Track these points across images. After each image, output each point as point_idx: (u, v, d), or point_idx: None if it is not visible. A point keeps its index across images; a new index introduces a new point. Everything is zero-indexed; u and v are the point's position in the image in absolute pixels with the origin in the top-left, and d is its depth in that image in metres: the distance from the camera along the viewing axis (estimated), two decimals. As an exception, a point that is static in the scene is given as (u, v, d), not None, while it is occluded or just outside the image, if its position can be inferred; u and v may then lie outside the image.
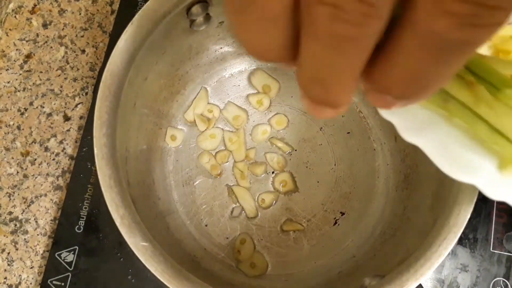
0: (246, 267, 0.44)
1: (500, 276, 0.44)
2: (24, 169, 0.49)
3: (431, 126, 0.26)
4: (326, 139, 0.48)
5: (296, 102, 0.49)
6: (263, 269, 0.45)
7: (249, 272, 0.44)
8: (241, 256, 0.45)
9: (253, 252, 0.45)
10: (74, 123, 0.50)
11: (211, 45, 0.45)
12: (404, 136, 0.25)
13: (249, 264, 0.45)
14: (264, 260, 0.45)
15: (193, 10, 0.37)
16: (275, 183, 0.47)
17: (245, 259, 0.45)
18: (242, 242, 0.45)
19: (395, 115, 0.26)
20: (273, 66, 0.50)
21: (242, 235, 0.46)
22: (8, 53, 0.51)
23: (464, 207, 0.31)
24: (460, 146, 0.26)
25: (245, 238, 0.45)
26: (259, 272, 0.44)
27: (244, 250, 0.45)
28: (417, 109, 0.26)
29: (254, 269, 0.45)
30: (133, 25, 0.33)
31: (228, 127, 0.48)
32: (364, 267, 0.41)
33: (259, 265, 0.45)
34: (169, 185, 0.46)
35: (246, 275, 0.44)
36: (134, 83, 0.36)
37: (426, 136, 0.26)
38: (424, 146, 0.26)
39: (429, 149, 0.26)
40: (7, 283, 0.46)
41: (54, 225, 0.47)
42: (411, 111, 0.26)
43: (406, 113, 0.26)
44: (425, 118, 0.26)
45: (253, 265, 0.45)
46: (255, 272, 0.44)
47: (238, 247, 0.45)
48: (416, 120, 0.26)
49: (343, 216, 0.46)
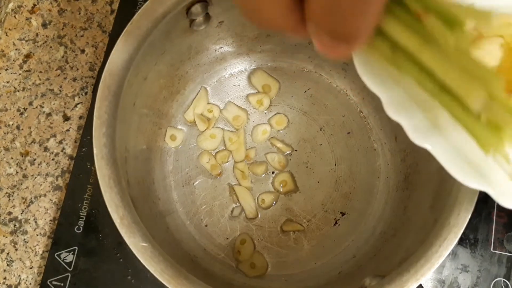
0: (246, 268, 0.44)
1: (500, 276, 0.44)
2: (24, 169, 0.49)
3: (440, 128, 0.24)
4: (326, 139, 0.48)
5: (296, 102, 0.49)
6: (263, 269, 0.45)
7: (249, 272, 0.44)
8: (241, 256, 0.45)
9: (253, 253, 0.45)
10: (74, 123, 0.50)
11: (211, 45, 0.45)
12: (412, 139, 0.24)
13: (249, 265, 0.45)
14: (264, 260, 0.45)
15: (192, 10, 0.37)
16: (275, 183, 0.47)
17: (245, 259, 0.45)
18: (242, 243, 0.45)
19: (402, 116, 0.24)
20: (273, 66, 0.49)
21: (242, 236, 0.45)
22: (8, 53, 0.51)
23: (465, 207, 0.31)
24: (471, 150, 0.24)
25: (245, 239, 0.45)
26: (259, 273, 0.44)
27: (244, 251, 0.45)
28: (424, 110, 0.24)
29: (254, 270, 0.45)
30: (132, 25, 0.33)
31: (228, 127, 0.48)
32: (365, 267, 0.41)
33: (259, 265, 0.45)
34: (169, 185, 0.46)
35: (246, 275, 0.44)
36: (134, 82, 0.36)
37: (435, 139, 0.24)
38: (433, 150, 0.24)
39: (439, 153, 0.24)
40: (6, 283, 0.46)
41: (53, 225, 0.47)
42: (419, 112, 0.24)
43: (413, 113, 0.24)
44: (433, 120, 0.24)
45: (253, 265, 0.45)
46: (255, 272, 0.44)
47: (238, 247, 0.45)
48: (425, 121, 0.24)
49: (344, 216, 0.46)
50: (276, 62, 0.49)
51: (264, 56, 0.49)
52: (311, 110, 0.49)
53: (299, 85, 0.49)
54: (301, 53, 0.48)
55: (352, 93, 0.49)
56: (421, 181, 0.41)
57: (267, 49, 0.48)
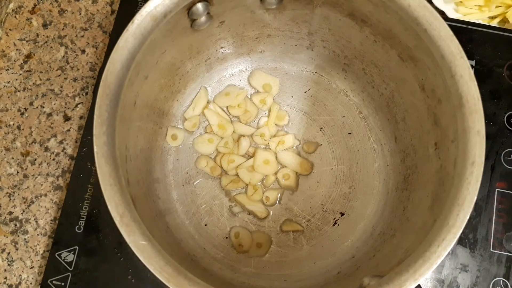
0: (256, 252, 0.45)
1: (500, 276, 0.44)
2: (24, 169, 0.49)
3: None
4: (326, 139, 0.48)
5: (296, 102, 0.49)
6: (268, 242, 0.45)
7: (261, 253, 0.45)
8: (244, 247, 0.45)
9: (251, 236, 0.45)
10: (74, 123, 0.50)
11: (212, 45, 0.45)
12: None
13: (256, 248, 0.45)
14: (264, 235, 0.46)
15: (193, 10, 0.37)
16: (278, 175, 0.47)
17: (249, 246, 0.45)
18: (236, 236, 0.45)
19: None
20: (274, 66, 0.50)
21: (233, 230, 0.46)
22: (8, 53, 0.51)
23: (464, 208, 0.31)
24: None
25: (238, 231, 0.46)
26: (268, 246, 0.45)
27: (243, 240, 0.45)
28: None
29: (263, 248, 0.45)
30: (133, 24, 0.33)
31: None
32: (363, 267, 0.41)
33: (264, 241, 0.45)
34: (169, 184, 0.46)
35: (262, 257, 0.45)
36: (135, 82, 0.36)
37: None
38: None
39: None
40: (7, 283, 0.46)
41: (54, 225, 0.47)
42: None
43: None
44: None
45: (259, 245, 0.45)
46: (265, 248, 0.45)
47: (237, 242, 0.45)
48: None
49: (343, 216, 0.46)
50: (276, 63, 0.50)
51: (265, 57, 0.49)
52: (311, 110, 0.49)
53: (300, 85, 0.49)
54: (301, 54, 0.48)
55: (352, 94, 0.49)
56: (420, 182, 0.41)
57: (267, 50, 0.48)
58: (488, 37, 0.50)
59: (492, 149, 0.47)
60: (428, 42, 0.34)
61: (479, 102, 0.32)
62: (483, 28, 0.50)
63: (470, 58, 0.45)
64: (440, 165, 0.36)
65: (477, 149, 0.32)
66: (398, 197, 0.44)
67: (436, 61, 0.34)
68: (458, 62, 0.33)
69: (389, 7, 0.35)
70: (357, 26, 0.41)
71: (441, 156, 0.37)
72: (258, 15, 0.43)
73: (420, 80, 0.39)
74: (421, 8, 0.34)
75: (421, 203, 0.39)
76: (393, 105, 0.45)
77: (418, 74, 0.39)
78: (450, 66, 0.33)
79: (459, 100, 0.33)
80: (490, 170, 0.47)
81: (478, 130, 0.32)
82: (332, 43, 0.45)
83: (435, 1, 0.53)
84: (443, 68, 0.34)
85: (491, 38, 0.50)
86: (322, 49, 0.47)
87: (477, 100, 0.32)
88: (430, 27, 0.34)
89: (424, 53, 0.36)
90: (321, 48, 0.47)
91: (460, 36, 0.34)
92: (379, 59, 0.43)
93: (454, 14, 0.54)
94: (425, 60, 0.36)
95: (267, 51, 0.49)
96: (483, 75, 0.49)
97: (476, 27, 0.50)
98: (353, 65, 0.46)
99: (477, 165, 0.31)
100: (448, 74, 0.33)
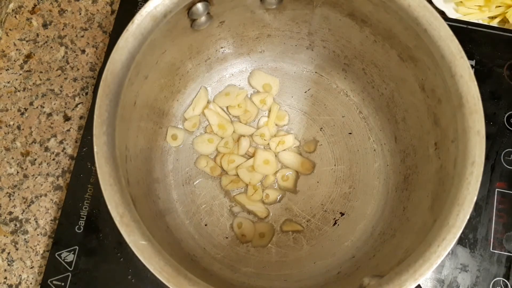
0: (259, 242, 0.45)
1: (500, 276, 0.44)
2: (24, 169, 0.49)
3: None
4: (326, 139, 0.48)
5: (296, 102, 0.49)
6: (271, 231, 0.46)
7: (263, 242, 0.45)
8: (247, 237, 0.45)
9: (254, 226, 0.45)
10: (74, 123, 0.50)
11: (212, 45, 0.45)
12: None
13: (259, 238, 0.45)
14: (266, 225, 0.46)
15: (193, 10, 0.37)
16: (278, 176, 0.47)
17: (252, 236, 0.45)
18: (239, 226, 0.45)
19: None
20: (274, 66, 0.50)
21: (236, 221, 0.46)
22: (8, 53, 0.51)
23: (464, 208, 0.31)
24: None
25: (241, 221, 0.46)
26: (271, 236, 0.46)
27: (246, 230, 0.45)
28: None
29: (265, 237, 0.45)
30: (133, 24, 0.33)
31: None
32: (363, 267, 0.40)
33: (266, 231, 0.46)
34: (169, 184, 0.46)
35: (263, 246, 0.45)
36: (135, 82, 0.36)
37: None
38: None
39: None
40: (7, 283, 0.46)
41: (54, 225, 0.47)
42: None
43: None
44: None
45: (262, 234, 0.45)
46: (268, 237, 0.45)
47: (240, 232, 0.45)
48: None
49: (343, 216, 0.46)
50: (276, 63, 0.50)
51: (265, 57, 0.49)
52: (311, 110, 0.49)
53: (300, 85, 0.49)
54: (301, 54, 0.48)
55: (352, 94, 0.49)
56: (420, 182, 0.41)
57: (267, 50, 0.48)
58: (488, 37, 0.50)
59: (492, 149, 0.47)
60: (428, 42, 0.34)
61: (479, 102, 0.32)
62: (483, 28, 0.50)
63: (470, 58, 0.45)
64: (440, 165, 0.36)
65: (477, 149, 0.32)
66: (398, 197, 0.44)
67: (436, 61, 0.34)
68: (458, 62, 0.33)
69: (389, 7, 0.35)
70: (357, 26, 0.41)
71: (441, 156, 0.37)
72: (258, 15, 0.43)
73: (420, 80, 0.39)
74: (421, 8, 0.34)
75: (421, 203, 0.39)
76: (393, 105, 0.45)
77: (418, 74, 0.39)
78: (450, 66, 0.33)
79: (459, 100, 0.33)
80: (490, 170, 0.47)
81: (478, 130, 0.32)
82: (332, 43, 0.45)
83: (435, 1, 0.53)
84: (443, 68, 0.34)
85: (491, 38, 0.50)
86: (322, 49, 0.47)
87: (477, 100, 0.32)
88: (430, 27, 0.34)
89: (424, 53, 0.36)
90: (321, 48, 0.47)
91: (460, 36, 0.34)
92: (379, 59, 0.43)
93: (454, 14, 0.54)
94: (425, 60, 0.36)
95: (267, 51, 0.49)
96: (483, 75, 0.49)
97: (476, 27, 0.50)
98: (353, 65, 0.46)
99: (477, 165, 0.31)
100: (448, 74, 0.33)
